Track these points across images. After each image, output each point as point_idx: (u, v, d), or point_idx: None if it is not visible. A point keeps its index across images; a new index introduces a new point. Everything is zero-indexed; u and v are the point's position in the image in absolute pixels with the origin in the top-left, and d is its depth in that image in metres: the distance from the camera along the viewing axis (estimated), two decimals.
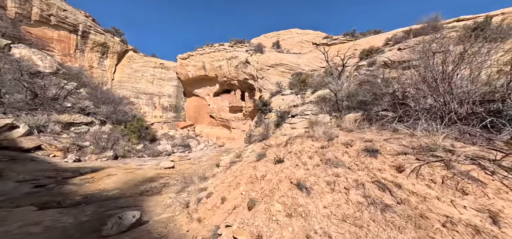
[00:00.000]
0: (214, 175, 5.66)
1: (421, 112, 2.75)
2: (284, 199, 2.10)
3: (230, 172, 4.65)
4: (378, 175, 2.04)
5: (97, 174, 6.87)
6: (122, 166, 8.55)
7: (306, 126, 6.82)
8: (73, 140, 10.79)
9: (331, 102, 6.51)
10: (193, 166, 8.52)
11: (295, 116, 7.82)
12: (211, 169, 7.61)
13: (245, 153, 6.96)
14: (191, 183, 5.35)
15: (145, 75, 33.09)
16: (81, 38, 30.37)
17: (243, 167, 4.15)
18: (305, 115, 7.23)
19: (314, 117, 6.83)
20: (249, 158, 5.18)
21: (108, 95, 17.04)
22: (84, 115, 14.13)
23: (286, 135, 6.90)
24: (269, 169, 3.03)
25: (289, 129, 7.26)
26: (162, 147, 16.30)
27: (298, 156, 2.85)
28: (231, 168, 5.01)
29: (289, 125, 7.63)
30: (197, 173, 6.96)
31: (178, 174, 7.11)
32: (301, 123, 7.14)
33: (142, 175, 6.91)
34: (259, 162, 3.79)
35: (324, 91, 8.06)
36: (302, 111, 7.52)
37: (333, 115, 5.98)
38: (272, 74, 17.63)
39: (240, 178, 3.61)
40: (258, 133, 9.23)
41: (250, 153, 6.45)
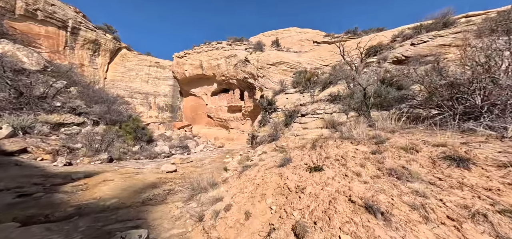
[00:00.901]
0: (225, 181, 5.12)
1: None
2: (353, 229, 1.53)
3: (246, 178, 4.12)
4: (496, 199, 1.50)
5: (92, 180, 6.18)
6: (118, 170, 7.85)
7: (320, 125, 6.37)
8: (63, 142, 9.96)
9: (347, 100, 6.08)
10: (197, 169, 7.93)
11: (305, 115, 7.37)
12: (219, 173, 7.05)
13: (255, 156, 6.44)
14: (199, 190, 4.80)
15: (140, 74, 31.99)
16: (70, 35, 29.02)
17: (264, 173, 3.63)
18: (317, 114, 6.78)
19: (327, 116, 6.39)
20: (265, 162, 4.66)
21: (101, 94, 16.12)
22: (75, 115, 13.23)
23: (298, 135, 6.43)
24: (305, 179, 2.53)
25: (300, 129, 6.79)
26: (159, 149, 15.55)
27: (342, 164, 2.37)
28: (245, 173, 4.48)
29: (300, 125, 7.16)
30: (204, 178, 6.40)
31: (182, 179, 6.51)
32: (313, 122, 6.68)
33: (142, 180, 6.27)
34: (285, 168, 3.29)
35: (335, 88, 7.65)
36: (313, 109, 7.07)
37: (352, 114, 5.52)
38: (274, 73, 17.17)
39: (264, 188, 3.09)
40: (265, 134, 8.72)
41: (264, 156, 5.94)
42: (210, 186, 4.82)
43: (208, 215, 3.23)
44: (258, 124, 11.82)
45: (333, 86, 8.13)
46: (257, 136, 10.93)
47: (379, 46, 9.41)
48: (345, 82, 6.48)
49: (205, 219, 3.23)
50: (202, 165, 8.63)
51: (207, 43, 27.59)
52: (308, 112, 7.19)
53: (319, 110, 6.75)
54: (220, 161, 9.46)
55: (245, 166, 4.95)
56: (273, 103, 10.33)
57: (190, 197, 4.67)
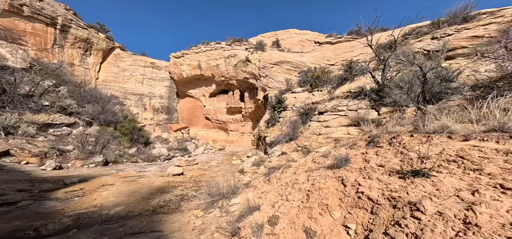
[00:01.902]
0: (248, 185, 4.48)
1: None
2: None
3: (281, 182, 3.50)
4: None
5: (88, 185, 5.37)
6: (117, 173, 7.03)
7: (344, 123, 5.85)
8: (52, 144, 8.98)
9: (372, 94, 5.61)
10: (206, 172, 7.22)
11: (323, 113, 6.86)
12: (232, 176, 6.38)
13: (273, 157, 5.83)
14: (219, 195, 4.14)
15: (134, 75, 30.78)
16: (60, 32, 27.61)
17: (310, 177, 3.02)
18: (339, 111, 6.29)
19: (352, 113, 5.90)
20: (299, 163, 4.06)
21: (94, 93, 15.06)
22: (66, 115, 12.17)
23: (321, 134, 5.89)
24: (404, 188, 1.91)
25: (321, 127, 6.26)
26: (157, 151, 14.63)
27: (473, 168, 1.78)
28: (277, 177, 3.86)
29: (319, 123, 6.64)
30: (219, 182, 5.76)
31: (192, 183, 5.80)
32: (334, 120, 6.18)
33: (148, 184, 5.52)
34: (345, 171, 2.69)
35: (354, 84, 7.21)
36: (334, 107, 6.58)
37: (384, 110, 5.02)
38: (277, 72, 16.71)
39: (320, 196, 2.46)
40: (279, 133, 8.14)
41: (285, 157, 5.34)
42: (232, 191, 4.17)
43: (247, 229, 2.57)
44: (265, 124, 11.23)
45: (349, 82, 7.71)
46: (265, 137, 10.32)
47: (390, 44, 9.20)
48: (370, 76, 6.02)
49: (242, 235, 2.58)
50: (210, 168, 7.92)
51: (205, 43, 26.91)
52: (327, 110, 6.69)
53: (341, 107, 6.27)
54: (227, 163, 8.79)
55: (271, 168, 4.34)
56: (282, 101, 9.80)
57: (210, 204, 4.00)
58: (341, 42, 18.52)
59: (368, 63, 7.94)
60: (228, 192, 4.15)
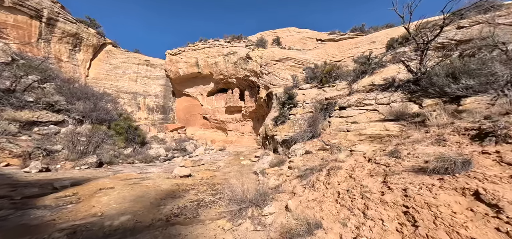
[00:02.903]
0: (277, 190, 3.81)
1: None
2: None
3: (333, 189, 2.83)
4: None
5: (83, 189, 4.55)
6: (116, 175, 6.19)
7: (374, 118, 5.27)
8: (37, 143, 7.98)
9: (409, 85, 5.10)
10: (215, 173, 6.50)
11: (345, 108, 6.33)
12: (247, 177, 5.72)
13: (296, 158, 5.18)
14: (244, 202, 3.45)
15: (127, 73, 29.41)
16: (46, 26, 25.98)
17: (400, 185, 2.25)
18: (365, 105, 5.77)
19: (383, 107, 5.35)
20: (351, 164, 3.44)
21: (85, 90, 13.95)
22: (53, 112, 11.07)
23: (349, 130, 5.31)
24: None
25: (347, 123, 5.70)
26: (154, 152, 13.69)
27: None
28: (322, 180, 3.21)
29: (342, 119, 6.09)
30: (233, 184, 5.06)
31: (204, 186, 5.09)
32: (362, 115, 5.64)
33: (155, 188, 4.76)
34: (466, 178, 1.97)
35: (378, 76, 6.71)
36: (358, 101, 6.05)
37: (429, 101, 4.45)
38: (281, 69, 16.19)
39: (441, 218, 1.69)
40: (294, 131, 7.54)
41: (311, 157, 4.73)
42: (261, 197, 3.49)
43: None
44: (273, 122, 10.61)
45: (369, 75, 7.23)
46: (274, 135, 9.69)
47: (406, 37, 8.90)
48: (403, 66, 5.52)
49: None
50: (219, 169, 7.21)
51: (203, 40, 26.06)
52: (350, 104, 6.16)
53: (367, 101, 5.76)
54: (236, 164, 8.09)
55: (307, 170, 3.70)
56: (293, 97, 9.21)
57: (237, 213, 3.31)
58: (345, 39, 18.28)
59: (401, 53, 7.48)
60: (256, 198, 3.48)
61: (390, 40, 9.85)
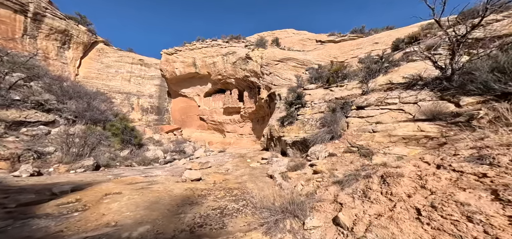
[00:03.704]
0: (312, 198, 3.46)
1: None
2: None
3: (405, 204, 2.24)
4: None
5: (87, 194, 4.07)
6: (119, 179, 5.69)
7: (401, 118, 4.99)
8: (27, 145, 7.30)
9: (440, 82, 4.88)
10: (227, 176, 6.12)
11: (364, 108, 6.14)
12: (264, 183, 5.41)
13: (319, 160, 4.81)
14: (277, 212, 3.08)
15: (120, 72, 28.33)
16: (32, 21, 24.67)
17: None
18: (388, 104, 5.57)
19: (410, 106, 5.10)
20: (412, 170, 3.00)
21: (78, 89, 13.15)
22: (43, 111, 10.28)
23: (376, 131, 4.95)
24: None
25: (368, 123, 5.45)
26: (152, 154, 13.07)
27: None
28: (381, 191, 2.74)
29: (362, 119, 5.84)
30: (249, 188, 4.76)
31: (221, 191, 4.72)
32: (385, 115, 5.38)
33: (168, 193, 4.34)
34: None
35: (395, 75, 6.57)
36: (378, 100, 5.87)
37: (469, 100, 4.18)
38: (283, 69, 16.02)
39: None
40: (314, 131, 7.26)
41: (336, 160, 4.45)
42: (298, 206, 3.09)
43: None
44: (279, 123, 10.35)
45: (383, 74, 7.13)
46: (281, 136, 9.42)
47: (415, 36, 9.00)
48: (430, 62, 5.38)
49: None
50: (229, 172, 6.83)
51: (200, 40, 25.55)
52: (370, 104, 5.98)
53: (390, 100, 5.58)
54: (245, 167, 7.72)
55: (350, 176, 3.32)
56: (302, 96, 9.00)
57: (274, 225, 2.93)
58: (345, 40, 18.43)
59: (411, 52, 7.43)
60: (291, 207, 3.10)
61: (396, 40, 9.92)
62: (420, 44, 7.69)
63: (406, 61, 7.37)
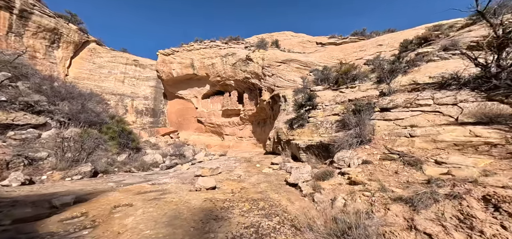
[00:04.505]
0: (372, 218, 2.87)
1: None
2: None
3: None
4: None
5: (92, 207, 3.56)
6: (124, 188, 5.15)
7: (441, 121, 4.57)
8: (17, 150, 6.60)
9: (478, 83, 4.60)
10: (243, 184, 5.67)
11: (390, 109, 5.86)
12: (286, 192, 5.04)
13: (351, 168, 4.32)
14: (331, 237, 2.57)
15: (114, 73, 27.25)
16: (18, 18, 23.41)
17: None
18: (419, 106, 5.27)
19: (449, 108, 4.74)
20: None
21: (70, 89, 12.33)
22: (33, 113, 9.49)
23: (414, 136, 4.55)
24: None
25: (400, 127, 5.13)
26: (150, 158, 12.42)
27: None
28: None
29: (389, 122, 5.54)
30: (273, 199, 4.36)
31: (244, 202, 4.25)
32: (418, 117, 5.01)
33: (185, 205, 3.88)
34: None
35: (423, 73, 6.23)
36: (408, 101, 5.55)
37: None
38: (286, 70, 15.79)
39: None
40: (331, 134, 6.97)
41: (386, 166, 4.01)
42: (364, 234, 2.46)
43: None
44: (287, 126, 10.04)
45: (402, 74, 6.88)
46: (290, 140, 9.08)
47: (425, 37, 9.00)
48: (468, 59, 5.08)
49: None
50: (242, 179, 6.38)
51: (199, 41, 25.02)
52: (397, 105, 5.69)
53: (422, 101, 5.29)
54: (257, 172, 7.25)
55: (425, 194, 2.64)
56: (313, 98, 8.73)
57: None
58: (346, 42, 18.51)
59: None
60: (354, 234, 2.40)
61: (403, 42, 9.92)
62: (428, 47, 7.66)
63: (423, 62, 7.26)
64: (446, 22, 11.14)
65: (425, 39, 9.24)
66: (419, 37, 9.52)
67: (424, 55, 7.68)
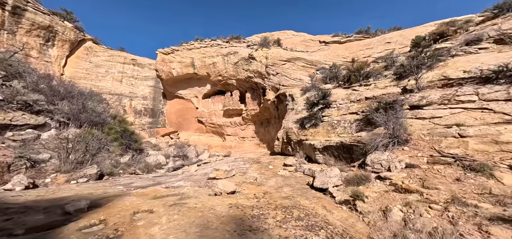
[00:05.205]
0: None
1: None
2: None
3: None
4: None
5: (110, 213, 3.23)
6: (137, 191, 4.82)
7: (493, 120, 4.29)
8: (19, 152, 6.18)
9: None
10: (263, 188, 5.36)
11: (422, 107, 5.60)
12: (313, 195, 4.79)
13: (393, 172, 4.13)
14: None
15: (111, 72, 26.59)
16: (11, 15, 22.62)
17: None
18: (461, 102, 4.88)
19: (502, 104, 4.35)
20: None
21: (70, 88, 11.83)
22: (31, 113, 9.01)
23: (464, 136, 4.21)
24: None
25: (437, 126, 4.82)
26: (153, 159, 12.06)
27: None
28: None
29: (423, 120, 5.24)
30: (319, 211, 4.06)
31: (275, 209, 3.89)
32: (460, 115, 4.67)
33: (212, 212, 3.58)
34: None
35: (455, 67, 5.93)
36: (446, 97, 5.22)
37: None
38: (292, 69, 15.56)
39: None
40: (353, 134, 6.72)
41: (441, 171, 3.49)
42: None
43: None
44: (298, 125, 9.80)
45: (427, 70, 6.51)
46: (302, 140, 8.83)
47: (442, 33, 8.89)
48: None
49: None
50: (260, 182, 6.04)
51: (199, 40, 24.61)
52: (431, 102, 5.37)
53: (463, 97, 4.93)
54: (271, 175, 6.87)
55: None
56: (328, 95, 8.49)
57: None
58: (351, 41, 18.43)
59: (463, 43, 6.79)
60: None
61: (416, 38, 9.79)
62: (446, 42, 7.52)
63: (447, 57, 7.06)
64: (460, 18, 11.14)
65: (440, 35, 9.14)
66: (434, 33, 9.40)
67: (442, 50, 7.51)
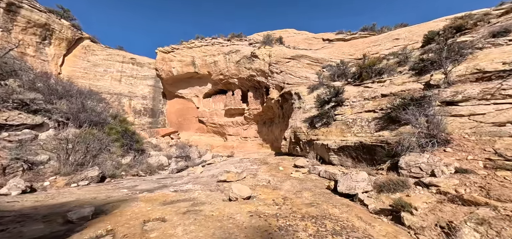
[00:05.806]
0: None
1: None
2: None
3: None
4: None
5: (117, 221, 2.87)
6: (144, 196, 4.46)
7: None
8: (16, 153, 5.77)
9: None
10: (280, 193, 4.98)
11: (457, 103, 5.20)
12: (340, 202, 4.44)
13: (442, 176, 3.68)
14: None
15: (110, 71, 26.06)
16: (5, 12, 22.07)
17: None
18: (508, 96, 4.53)
19: None
20: None
21: (68, 87, 11.40)
22: (28, 113, 8.58)
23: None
24: None
25: (482, 124, 4.38)
26: (155, 160, 11.68)
27: None
28: None
29: (462, 118, 4.84)
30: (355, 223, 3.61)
31: (305, 221, 3.37)
32: (509, 111, 4.38)
33: (232, 223, 3.21)
34: None
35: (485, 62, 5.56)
36: (488, 92, 4.80)
37: None
38: (297, 67, 15.23)
39: None
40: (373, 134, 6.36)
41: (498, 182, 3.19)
42: None
43: None
44: (307, 124, 9.48)
45: (456, 63, 6.04)
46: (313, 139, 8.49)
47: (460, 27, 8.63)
48: None
49: None
50: (274, 186, 5.67)
51: (200, 38, 24.19)
52: (470, 97, 5.02)
53: (510, 91, 4.53)
54: (284, 177, 6.43)
55: None
56: (341, 92, 8.15)
57: None
58: (356, 38, 18.17)
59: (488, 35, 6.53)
60: None
61: (429, 33, 9.52)
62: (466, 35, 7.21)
63: (474, 50, 6.76)
64: (475, 11, 10.98)
65: (457, 29, 8.85)
66: (451, 27, 9.11)
67: (464, 43, 7.20)
